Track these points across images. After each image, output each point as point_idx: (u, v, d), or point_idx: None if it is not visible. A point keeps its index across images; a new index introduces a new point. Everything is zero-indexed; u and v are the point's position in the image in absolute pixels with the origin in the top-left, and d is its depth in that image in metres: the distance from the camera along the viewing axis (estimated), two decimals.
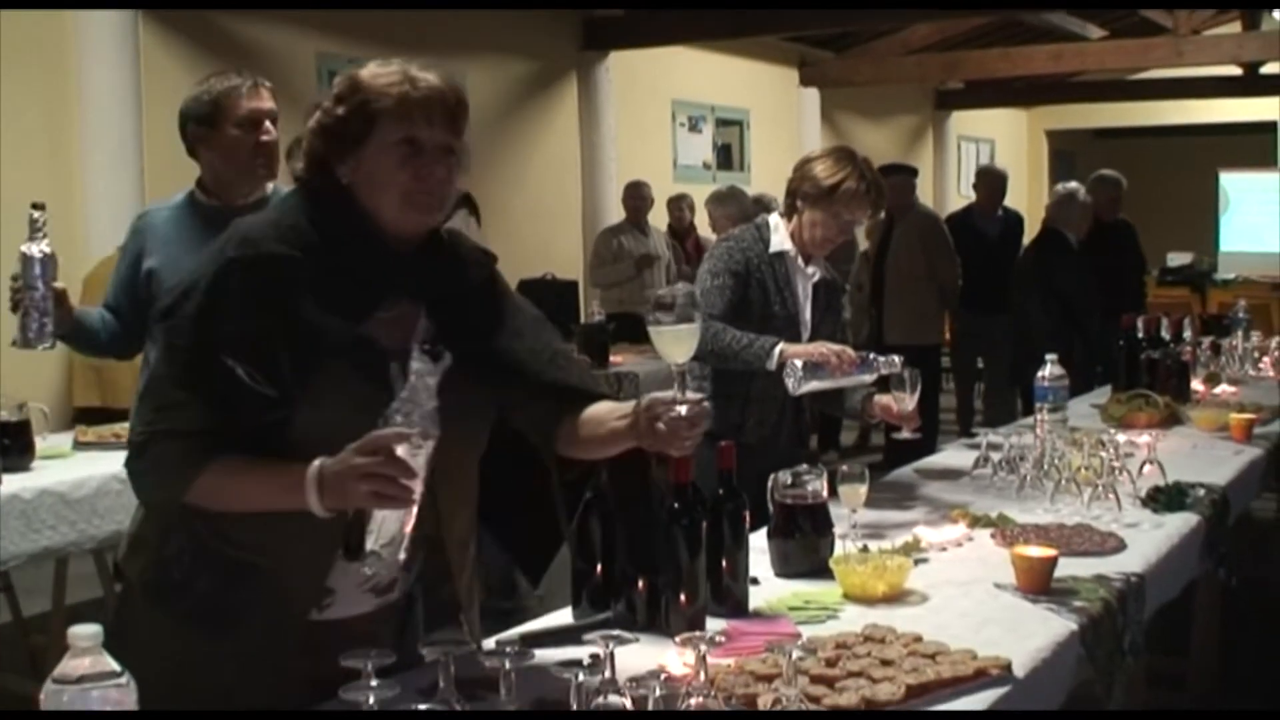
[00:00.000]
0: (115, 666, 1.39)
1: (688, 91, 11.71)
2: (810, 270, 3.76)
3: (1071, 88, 16.24)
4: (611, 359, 6.93)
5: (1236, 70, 13.98)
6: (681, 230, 9.18)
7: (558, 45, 10.09)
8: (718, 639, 1.78)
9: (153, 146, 7.26)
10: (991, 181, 9.25)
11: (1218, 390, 5.42)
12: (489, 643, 2.20)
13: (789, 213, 3.73)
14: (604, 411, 2.23)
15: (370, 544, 1.96)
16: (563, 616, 2.42)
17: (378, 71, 2.07)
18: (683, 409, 2.07)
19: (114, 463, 4.22)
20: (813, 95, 13.25)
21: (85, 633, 1.35)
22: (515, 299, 2.34)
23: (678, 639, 1.80)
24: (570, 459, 2.29)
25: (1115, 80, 16.02)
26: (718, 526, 2.40)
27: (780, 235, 3.72)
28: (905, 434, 3.57)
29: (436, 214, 2.13)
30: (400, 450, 1.86)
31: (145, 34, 7.37)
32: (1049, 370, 3.92)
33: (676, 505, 2.30)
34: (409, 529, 2.03)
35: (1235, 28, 13.63)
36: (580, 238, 10.47)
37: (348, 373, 2.03)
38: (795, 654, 1.73)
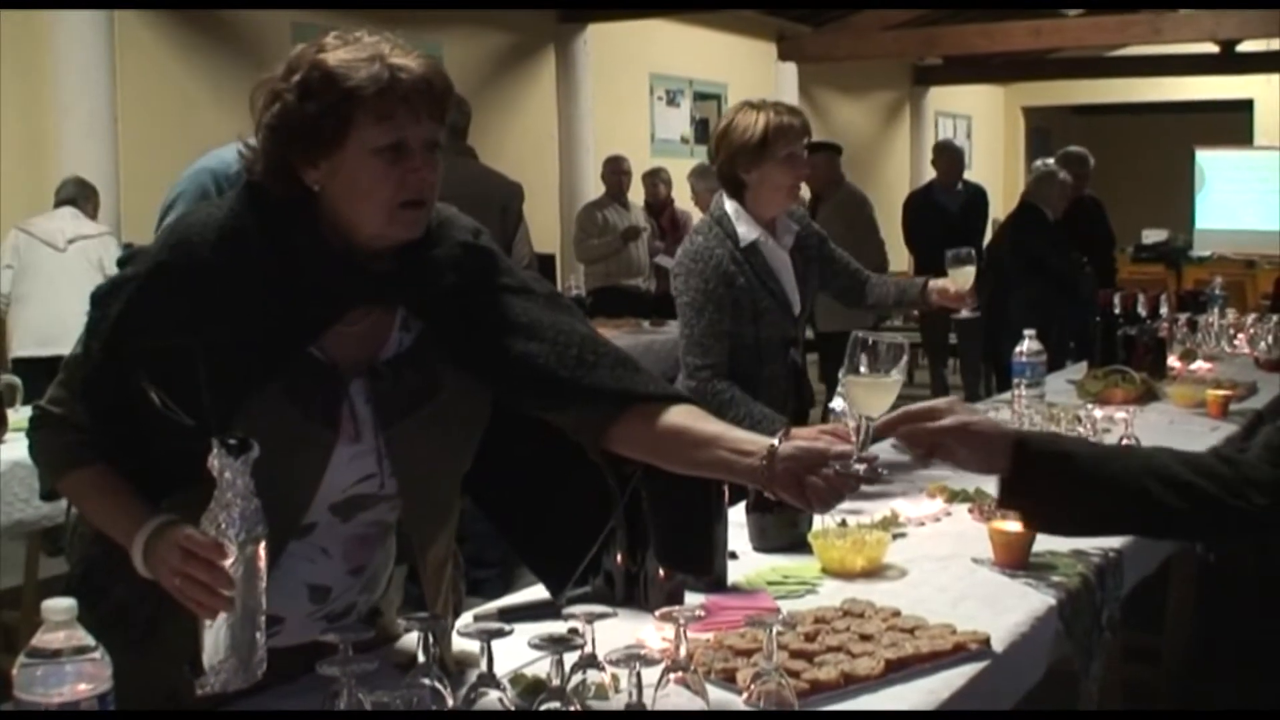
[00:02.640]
0: (90, 641, 1.37)
1: (665, 65, 11.66)
2: (783, 243, 3.64)
3: (1048, 64, 16.25)
4: None
5: (1213, 48, 14.01)
6: (657, 205, 9.16)
7: (535, 18, 10.03)
8: (697, 613, 1.76)
9: (127, 117, 7.20)
10: (949, 156, 9.31)
11: (1194, 367, 5.44)
12: (466, 617, 2.19)
13: (737, 193, 3.55)
14: (700, 429, 1.93)
15: (206, 660, 1.66)
16: (539, 592, 2.40)
17: (348, 58, 1.76)
18: (860, 468, 1.82)
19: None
20: (790, 70, 13.21)
21: (59, 606, 1.33)
22: (523, 283, 2.00)
23: (656, 613, 1.79)
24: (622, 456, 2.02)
25: (1092, 57, 16.03)
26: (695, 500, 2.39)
27: (745, 226, 3.53)
28: (965, 313, 3.65)
29: (425, 224, 1.85)
30: (226, 562, 1.62)
31: (121, 10, 7.29)
32: (1026, 346, 3.92)
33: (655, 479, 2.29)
34: (259, 634, 1.69)
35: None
36: (558, 212, 10.44)
37: (284, 403, 1.80)
38: (776, 629, 1.71)
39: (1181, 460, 1.94)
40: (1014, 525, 2.65)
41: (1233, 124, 17.13)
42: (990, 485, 3.19)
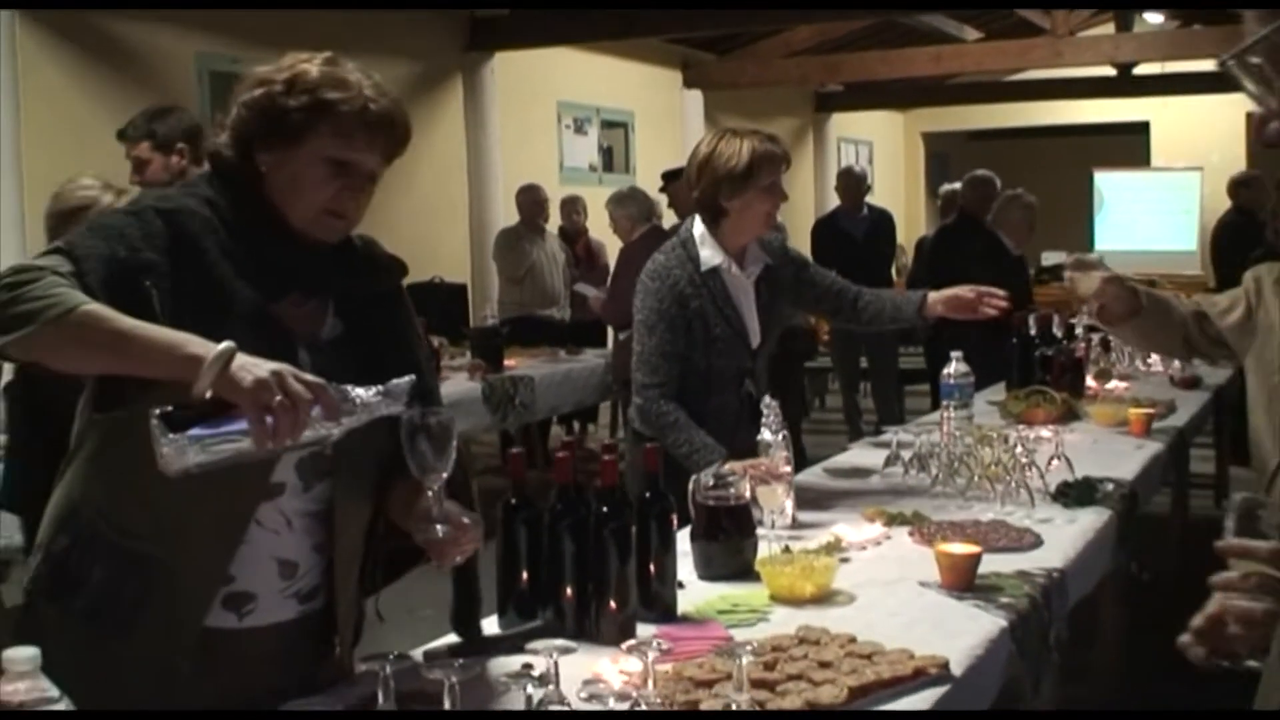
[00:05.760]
0: (54, 692, 1.30)
1: (573, 93, 11.65)
2: (749, 272, 3.56)
3: (947, 90, 16.48)
4: (506, 363, 6.86)
5: (1110, 71, 14.29)
6: (573, 233, 9.13)
7: (442, 46, 9.96)
8: (663, 646, 1.72)
9: (31, 147, 7.03)
10: (851, 182, 9.38)
11: (1110, 386, 5.52)
12: (416, 654, 2.14)
13: (714, 219, 3.50)
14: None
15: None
16: (488, 625, 2.35)
17: (336, 76, 1.99)
18: (440, 529, 1.95)
19: None
20: (696, 97, 13.27)
21: (21, 656, 1.26)
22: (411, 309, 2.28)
23: (624, 646, 1.75)
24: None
25: (990, 82, 16.29)
26: (645, 530, 2.35)
27: (709, 250, 3.49)
28: (1086, 319, 3.58)
29: (342, 234, 2.08)
30: (315, 409, 1.73)
31: (22, 34, 7.13)
32: (954, 368, 3.94)
33: (605, 509, 2.25)
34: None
35: (1109, 29, 13.96)
36: (467, 240, 10.36)
37: (254, 347, 1.84)
38: (746, 659, 1.68)
39: None
40: (959, 547, 2.65)
41: (1129, 145, 17.48)
42: (928, 508, 3.22)
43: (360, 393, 1.80)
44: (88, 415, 2.00)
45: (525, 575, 2.32)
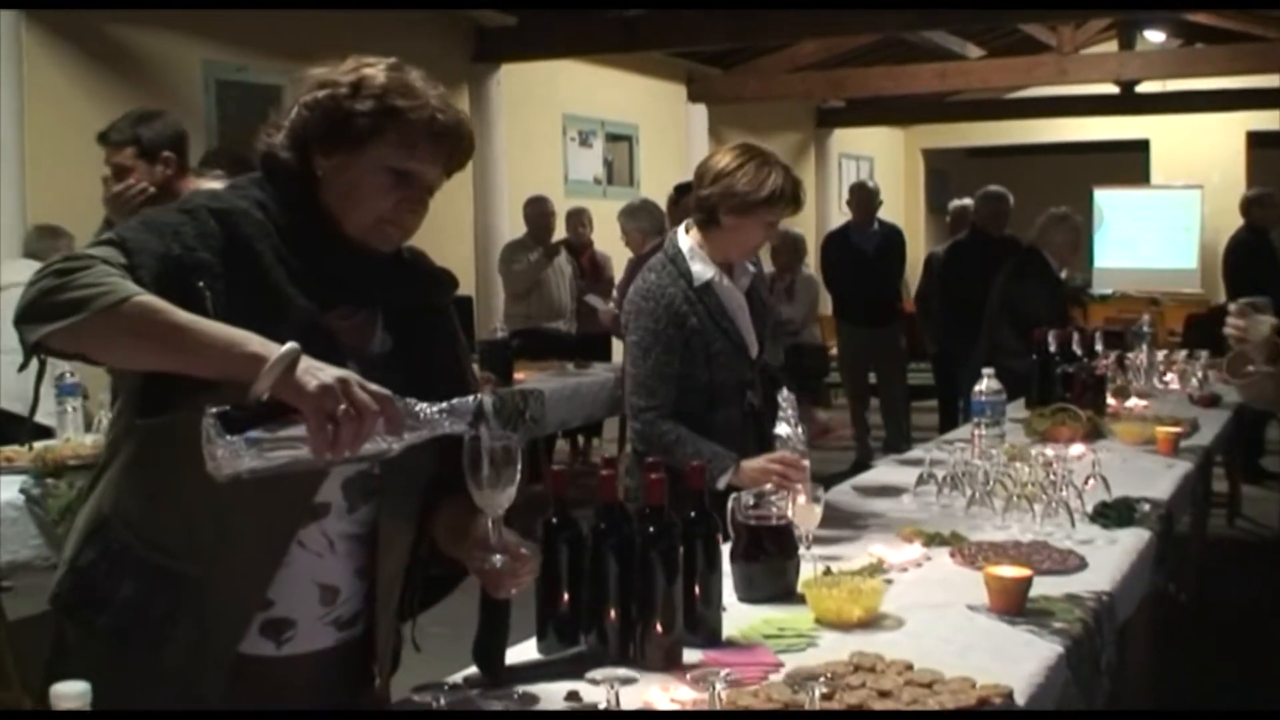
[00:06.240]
0: None
1: (578, 106, 11.59)
2: (740, 283, 3.48)
3: (948, 107, 16.44)
4: (515, 375, 6.78)
5: (1112, 88, 14.26)
6: (579, 246, 9.05)
7: (448, 57, 9.88)
8: (730, 675, 1.64)
9: (35, 154, 6.95)
10: (863, 197, 9.33)
11: (1130, 403, 5.44)
12: (456, 678, 2.06)
13: (705, 226, 3.39)
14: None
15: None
16: (527, 650, 2.26)
17: (406, 82, 1.92)
18: (499, 559, 1.87)
19: (8, 489, 3.99)
20: (700, 111, 13.21)
21: (70, 692, 1.18)
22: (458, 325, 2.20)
23: (689, 677, 1.66)
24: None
25: (992, 99, 16.24)
26: (690, 551, 2.26)
27: (699, 262, 3.38)
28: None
29: (397, 244, 2.01)
30: (380, 423, 1.65)
31: (28, 37, 7.04)
32: (985, 385, 3.86)
33: (652, 530, 2.16)
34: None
35: (1112, 47, 13.93)
36: (472, 253, 10.28)
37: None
38: (819, 691, 1.60)
39: None
40: (1009, 570, 2.57)
41: (1130, 163, 17.44)
42: (963, 527, 3.15)
43: (424, 407, 1.72)
44: (125, 421, 1.90)
45: (566, 597, 2.24)
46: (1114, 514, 3.29)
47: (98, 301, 1.63)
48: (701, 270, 3.39)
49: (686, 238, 3.44)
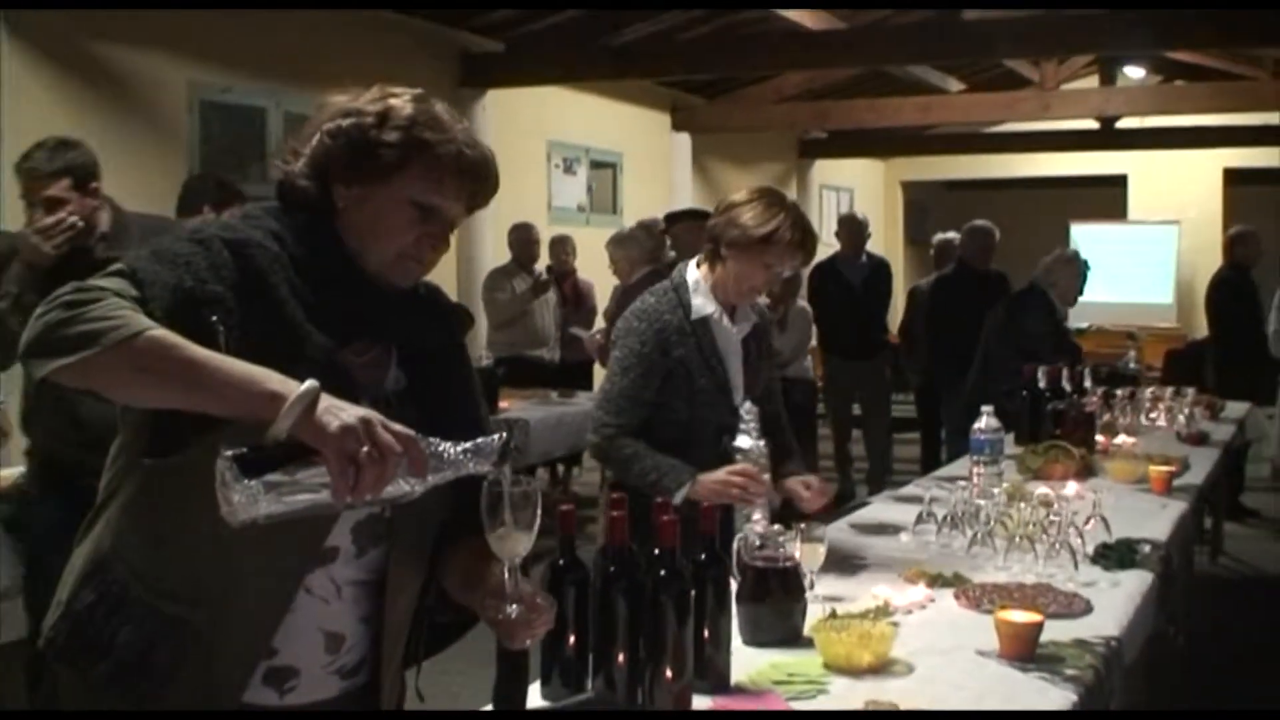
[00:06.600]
0: None
1: (563, 132, 11.56)
2: (739, 327, 3.42)
3: (928, 140, 16.50)
4: (499, 404, 6.72)
5: (1092, 124, 14.33)
6: (562, 273, 9.00)
7: (435, 81, 9.83)
8: None
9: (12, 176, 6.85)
10: (853, 228, 9.34)
11: (1118, 440, 5.43)
12: None
13: (710, 260, 3.37)
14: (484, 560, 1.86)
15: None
16: (531, 695, 2.21)
17: (434, 114, 1.87)
18: (514, 609, 1.79)
19: None
20: (684, 140, 13.20)
21: None
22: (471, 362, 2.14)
23: None
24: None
25: (971, 133, 16.31)
26: (701, 594, 2.22)
27: (701, 296, 3.35)
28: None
29: (416, 279, 1.96)
30: (401, 467, 1.60)
31: (10, 54, 6.96)
32: (985, 423, 3.83)
33: (664, 572, 2.12)
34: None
35: (1093, 82, 14.01)
36: (455, 279, 10.23)
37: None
38: None
39: None
40: (1020, 615, 2.53)
41: (1107, 198, 17.52)
42: (964, 567, 3.11)
43: (448, 447, 1.66)
44: (126, 459, 1.82)
45: (573, 640, 2.19)
46: (1115, 555, 3.26)
47: (110, 336, 1.57)
48: (702, 305, 3.35)
49: (695, 271, 3.40)
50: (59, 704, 1.85)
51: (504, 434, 1.72)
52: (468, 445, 1.67)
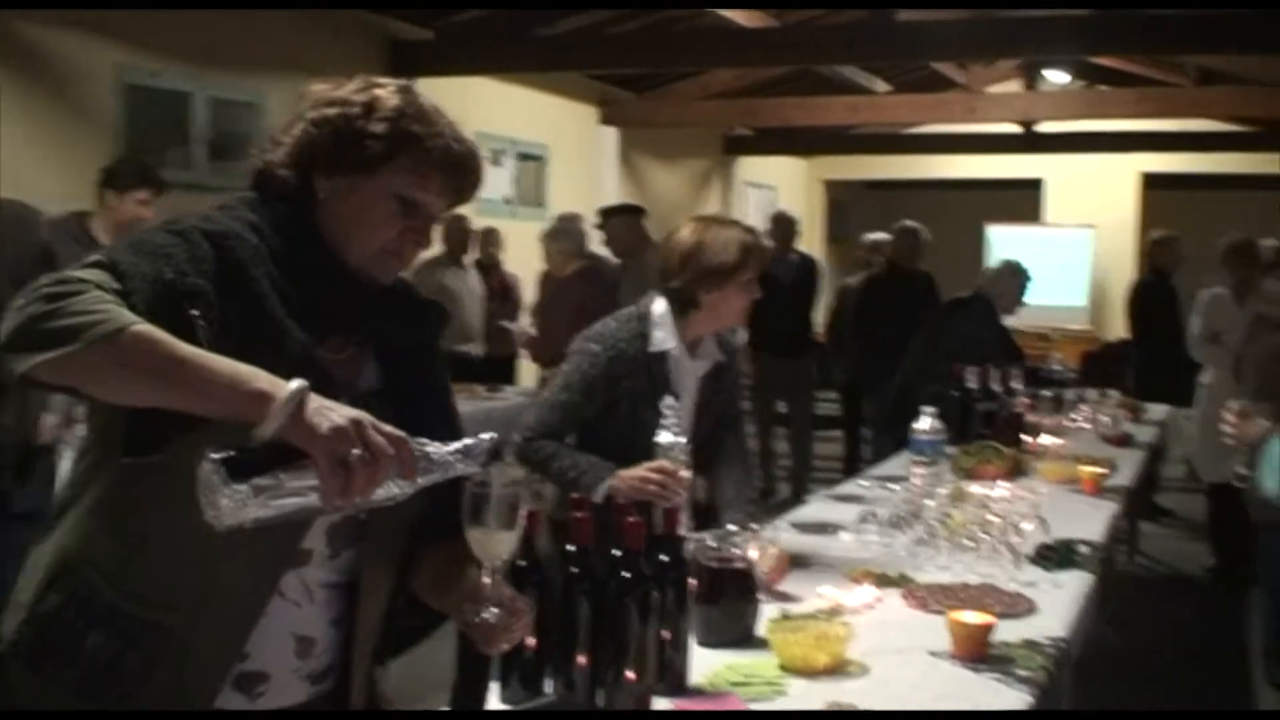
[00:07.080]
0: None
1: (491, 124, 11.47)
2: (698, 365, 3.37)
3: (852, 139, 16.60)
4: None
5: (1013, 127, 14.50)
6: (490, 266, 8.94)
7: (362, 68, 9.65)
8: None
9: None
10: (783, 226, 9.36)
11: (1044, 441, 5.49)
12: None
13: (685, 309, 3.28)
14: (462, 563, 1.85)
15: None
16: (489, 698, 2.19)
17: (420, 107, 1.83)
18: (493, 612, 1.77)
19: None
20: (611, 134, 13.17)
21: None
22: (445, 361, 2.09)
23: None
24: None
25: (894, 134, 16.45)
26: (662, 595, 2.21)
27: (664, 332, 3.28)
28: None
29: (395, 275, 1.90)
30: (391, 469, 1.55)
31: None
32: (926, 424, 3.86)
33: (627, 575, 2.11)
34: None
35: (1015, 85, 14.19)
36: None
37: None
38: None
39: None
40: (972, 616, 2.55)
41: (1024, 202, 17.75)
42: (907, 567, 3.13)
43: (437, 448, 1.62)
44: (95, 457, 1.75)
45: (534, 642, 2.17)
46: (1056, 556, 3.30)
47: (92, 331, 1.50)
48: (663, 339, 3.29)
49: (662, 303, 3.33)
50: (15, 703, 1.77)
51: (494, 435, 1.69)
52: (457, 446, 1.64)
